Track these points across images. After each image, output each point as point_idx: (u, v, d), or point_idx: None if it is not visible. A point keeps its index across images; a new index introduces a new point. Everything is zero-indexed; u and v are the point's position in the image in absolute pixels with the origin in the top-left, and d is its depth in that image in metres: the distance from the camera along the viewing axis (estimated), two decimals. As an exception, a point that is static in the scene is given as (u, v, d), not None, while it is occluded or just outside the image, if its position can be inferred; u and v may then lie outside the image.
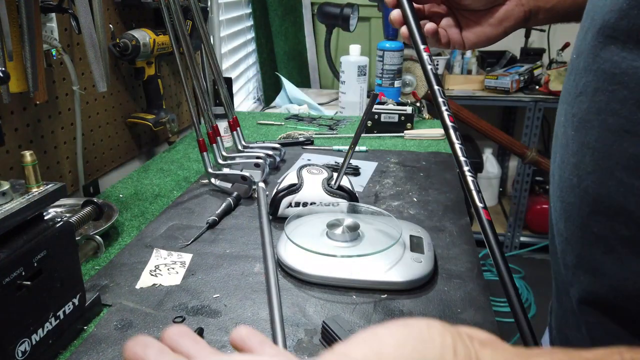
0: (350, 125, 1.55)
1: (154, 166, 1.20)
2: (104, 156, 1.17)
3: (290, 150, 1.30)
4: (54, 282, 0.58)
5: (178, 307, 0.67)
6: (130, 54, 1.13)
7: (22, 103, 0.90)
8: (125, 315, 0.65)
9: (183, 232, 0.87)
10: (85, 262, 0.77)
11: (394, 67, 1.76)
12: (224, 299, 0.69)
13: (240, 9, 2.02)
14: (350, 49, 1.69)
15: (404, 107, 1.44)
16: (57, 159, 1.01)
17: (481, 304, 0.67)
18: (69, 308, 0.60)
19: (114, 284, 0.72)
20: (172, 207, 0.97)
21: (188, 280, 0.73)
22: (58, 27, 0.95)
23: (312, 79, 2.31)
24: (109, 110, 1.17)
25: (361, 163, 1.20)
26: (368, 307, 0.67)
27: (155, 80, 1.25)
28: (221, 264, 0.77)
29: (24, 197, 0.55)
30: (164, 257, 0.79)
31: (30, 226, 0.55)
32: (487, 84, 2.54)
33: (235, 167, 1.08)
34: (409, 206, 0.97)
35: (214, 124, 1.08)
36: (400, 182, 1.09)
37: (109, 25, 1.13)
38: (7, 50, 0.75)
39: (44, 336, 0.56)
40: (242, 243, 0.83)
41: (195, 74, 1.06)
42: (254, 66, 2.22)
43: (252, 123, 1.57)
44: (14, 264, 0.51)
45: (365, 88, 1.72)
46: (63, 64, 0.96)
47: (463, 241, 0.84)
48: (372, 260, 0.71)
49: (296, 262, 0.73)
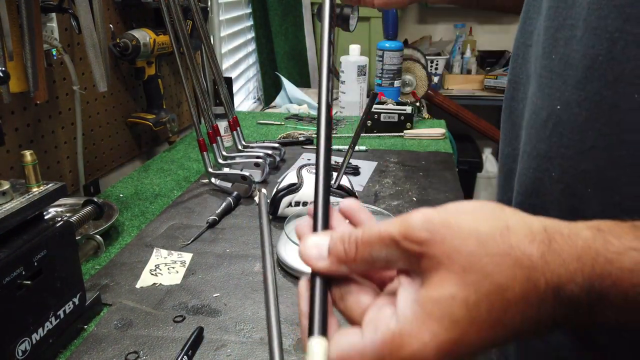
0: (350, 125, 1.55)
1: (154, 166, 1.20)
2: (104, 156, 1.17)
3: (290, 149, 1.30)
4: (54, 281, 0.58)
5: (178, 306, 0.67)
6: (130, 53, 1.13)
7: (22, 103, 0.90)
8: (126, 315, 0.65)
9: (183, 232, 0.87)
10: (86, 262, 0.77)
11: (393, 67, 1.76)
12: (224, 298, 0.69)
13: (240, 9, 2.02)
14: (350, 49, 1.69)
15: (403, 107, 1.44)
16: (57, 159, 1.01)
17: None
18: (69, 307, 0.60)
19: (114, 283, 0.72)
20: (172, 206, 0.98)
21: (188, 280, 0.73)
22: (58, 27, 0.95)
23: (312, 78, 2.31)
24: (109, 110, 1.17)
25: (361, 163, 1.20)
26: (368, 307, 0.67)
27: (156, 80, 1.25)
28: (221, 263, 0.77)
29: (24, 196, 0.55)
30: (164, 257, 0.79)
31: (30, 226, 0.56)
32: (486, 83, 2.54)
33: (235, 166, 1.08)
34: (409, 205, 0.97)
35: (214, 124, 1.09)
36: (399, 181, 1.10)
37: (109, 25, 1.13)
38: (7, 50, 0.75)
39: (44, 335, 0.56)
40: (242, 242, 0.84)
41: (195, 73, 1.06)
42: (254, 66, 2.22)
43: (252, 123, 1.57)
44: (14, 263, 0.51)
45: (365, 88, 1.72)
46: (63, 63, 0.96)
47: (462, 240, 0.84)
48: (371, 260, 0.71)
49: (296, 261, 0.73)
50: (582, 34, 0.39)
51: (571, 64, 0.40)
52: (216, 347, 0.60)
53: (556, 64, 0.41)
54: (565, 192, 0.41)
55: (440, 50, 2.72)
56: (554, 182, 0.42)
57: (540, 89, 0.44)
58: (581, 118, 0.39)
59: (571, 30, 0.40)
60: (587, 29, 0.38)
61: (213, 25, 1.65)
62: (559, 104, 0.41)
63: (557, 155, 0.42)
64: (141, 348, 0.59)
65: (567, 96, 0.40)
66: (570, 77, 0.40)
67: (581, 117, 0.39)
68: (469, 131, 2.58)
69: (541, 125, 0.43)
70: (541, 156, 0.43)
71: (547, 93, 0.42)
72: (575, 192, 0.41)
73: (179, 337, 0.61)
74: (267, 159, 1.10)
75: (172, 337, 0.61)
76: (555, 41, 0.42)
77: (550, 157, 0.42)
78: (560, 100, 0.41)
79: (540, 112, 0.43)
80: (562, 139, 0.41)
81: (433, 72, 2.60)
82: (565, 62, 0.40)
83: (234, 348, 0.59)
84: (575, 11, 0.40)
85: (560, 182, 0.42)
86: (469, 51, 2.68)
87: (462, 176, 1.18)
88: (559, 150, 0.41)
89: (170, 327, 0.63)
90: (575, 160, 0.40)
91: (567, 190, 0.41)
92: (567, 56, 0.40)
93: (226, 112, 1.16)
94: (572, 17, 0.40)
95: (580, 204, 0.40)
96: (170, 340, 0.61)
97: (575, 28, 0.40)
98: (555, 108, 0.41)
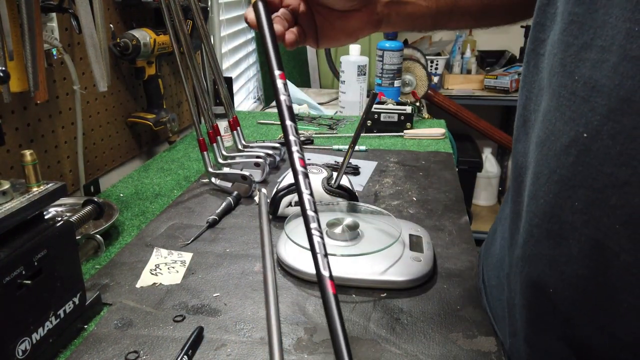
0: (350, 124, 1.55)
1: (154, 165, 1.20)
2: (105, 155, 1.17)
3: (290, 149, 1.30)
4: (54, 281, 0.58)
5: (178, 306, 0.67)
6: (130, 53, 1.13)
7: (22, 102, 0.90)
8: (126, 314, 0.65)
9: (183, 231, 0.87)
10: (86, 261, 0.78)
11: (393, 66, 1.76)
12: (224, 297, 0.69)
13: (240, 9, 2.02)
14: (350, 49, 1.69)
15: (403, 107, 1.44)
16: (57, 159, 1.01)
17: (480, 301, 0.67)
18: (69, 307, 0.60)
19: (114, 283, 0.72)
20: (172, 206, 0.98)
21: (188, 279, 0.73)
22: (58, 26, 0.95)
23: (312, 78, 2.31)
24: (109, 109, 1.17)
25: (361, 162, 1.20)
26: (367, 306, 0.67)
27: (156, 80, 1.25)
28: (221, 263, 0.77)
29: (25, 196, 0.55)
30: (164, 256, 0.79)
31: (30, 225, 0.56)
32: (486, 83, 2.54)
33: (235, 166, 1.08)
34: (409, 205, 0.97)
35: (214, 124, 1.09)
36: (399, 181, 1.10)
37: (109, 25, 1.13)
38: (7, 50, 0.75)
39: (44, 335, 0.56)
40: (242, 242, 0.84)
41: (195, 73, 1.06)
42: (254, 66, 2.22)
43: (252, 122, 1.57)
44: (15, 263, 0.51)
45: (365, 88, 1.72)
46: (63, 63, 0.96)
47: (462, 240, 0.84)
48: (371, 259, 0.71)
49: (296, 261, 0.73)
50: (617, 61, 0.36)
51: (600, 91, 0.37)
52: (216, 347, 0.60)
53: (580, 87, 0.39)
54: (589, 224, 0.39)
55: (440, 50, 2.72)
56: (577, 212, 0.40)
57: (559, 109, 0.41)
58: (614, 152, 0.37)
59: (601, 53, 0.37)
60: (625, 57, 0.35)
61: (213, 25, 1.65)
62: (585, 132, 0.38)
63: (583, 186, 0.39)
64: (141, 348, 0.59)
65: (596, 125, 0.37)
66: (598, 105, 0.37)
67: (614, 151, 0.37)
68: (469, 131, 2.58)
69: (562, 150, 0.41)
70: (563, 182, 0.41)
71: (570, 117, 0.40)
72: (601, 226, 0.39)
73: (179, 336, 0.61)
74: (267, 159, 1.10)
75: (172, 336, 0.61)
76: (579, 61, 0.39)
77: (574, 186, 0.40)
78: (587, 128, 0.38)
79: (560, 136, 0.41)
80: (590, 170, 0.39)
81: (433, 72, 2.60)
82: (592, 88, 0.38)
83: (234, 348, 0.60)
84: (606, 32, 0.37)
85: (585, 214, 0.40)
86: (468, 51, 2.68)
87: (462, 176, 1.18)
88: (585, 181, 0.39)
89: (170, 327, 0.63)
90: (605, 194, 0.38)
91: (592, 223, 0.39)
92: (594, 81, 0.38)
93: (226, 112, 1.16)
94: (602, 39, 0.37)
95: (606, 238, 0.39)
96: (170, 340, 0.61)
97: (606, 52, 0.37)
98: (580, 135, 0.39)
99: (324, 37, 0.61)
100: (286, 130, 0.48)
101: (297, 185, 0.46)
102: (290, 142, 0.47)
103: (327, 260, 0.43)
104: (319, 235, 0.44)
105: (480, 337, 0.61)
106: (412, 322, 0.64)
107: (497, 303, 0.61)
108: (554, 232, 0.43)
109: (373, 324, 0.64)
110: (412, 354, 0.58)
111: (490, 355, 0.58)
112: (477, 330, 0.62)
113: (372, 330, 0.63)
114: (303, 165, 0.47)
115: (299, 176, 0.46)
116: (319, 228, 0.45)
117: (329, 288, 0.41)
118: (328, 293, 0.41)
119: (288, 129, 0.47)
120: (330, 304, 0.40)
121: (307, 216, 0.45)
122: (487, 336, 0.61)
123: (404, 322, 0.64)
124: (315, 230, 0.44)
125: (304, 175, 0.46)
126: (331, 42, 0.62)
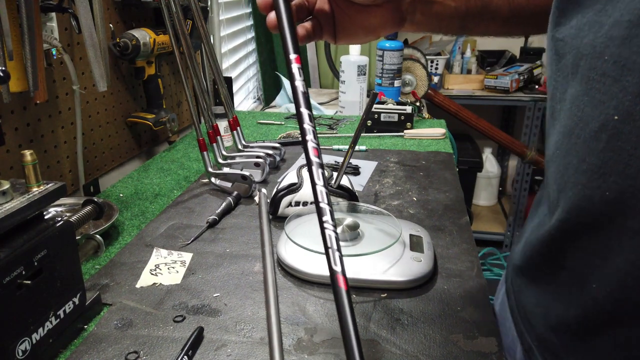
0: (350, 124, 1.55)
1: (154, 165, 1.20)
2: (104, 155, 1.17)
3: (290, 149, 1.30)
4: (54, 281, 0.58)
5: (178, 306, 0.67)
6: (130, 53, 1.13)
7: (22, 102, 0.90)
8: (126, 315, 0.65)
9: (183, 232, 0.87)
10: (86, 262, 0.77)
11: (393, 66, 1.76)
12: (224, 298, 0.69)
13: (240, 8, 2.02)
14: (350, 49, 1.69)
15: (403, 107, 1.44)
16: (57, 159, 1.01)
17: (480, 302, 0.67)
18: (69, 307, 0.60)
19: (114, 283, 0.72)
20: (172, 206, 0.98)
21: (188, 280, 0.73)
22: (58, 26, 0.95)
23: (312, 78, 2.31)
24: (109, 109, 1.17)
25: (361, 162, 1.20)
26: (368, 306, 0.67)
27: (156, 80, 1.25)
28: (221, 263, 0.77)
29: (24, 196, 0.55)
30: (164, 257, 0.79)
31: (30, 225, 0.56)
32: (486, 83, 2.54)
33: (235, 166, 1.08)
34: (409, 205, 0.97)
35: (214, 124, 1.09)
36: (400, 181, 1.10)
37: (109, 25, 1.13)
38: (7, 50, 0.75)
39: (44, 335, 0.56)
40: (242, 242, 0.84)
41: (195, 73, 1.06)
42: (254, 66, 2.22)
43: (252, 122, 1.57)
44: (15, 263, 0.51)
45: (365, 87, 1.72)
46: (63, 63, 0.96)
47: (463, 240, 0.84)
48: (371, 260, 0.71)
49: (296, 261, 0.73)
50: None
51: (630, 69, 0.36)
52: (216, 347, 0.60)
53: (610, 67, 0.37)
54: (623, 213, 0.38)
55: (440, 49, 2.72)
56: (608, 202, 0.39)
57: (588, 93, 0.40)
58: None
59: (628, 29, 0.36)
60: None
61: (213, 25, 1.65)
62: (616, 114, 0.37)
63: (614, 172, 0.38)
64: (141, 348, 0.59)
65: (628, 106, 0.36)
66: (630, 84, 0.36)
67: None
68: (469, 131, 2.58)
69: (591, 136, 0.39)
70: (592, 171, 0.40)
71: (600, 100, 0.38)
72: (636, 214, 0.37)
73: (179, 337, 0.61)
74: (267, 159, 1.10)
75: (172, 337, 0.61)
76: (608, 39, 0.37)
77: (604, 174, 0.39)
78: (618, 110, 0.37)
79: (589, 121, 0.39)
80: (622, 154, 0.37)
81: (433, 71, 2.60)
82: (623, 66, 0.36)
83: (234, 348, 0.59)
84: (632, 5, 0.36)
85: (617, 202, 0.38)
86: (469, 51, 2.68)
87: (462, 176, 1.17)
88: (616, 166, 0.38)
89: (170, 327, 0.63)
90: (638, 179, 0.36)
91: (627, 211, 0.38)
92: (624, 58, 0.36)
93: (226, 112, 1.16)
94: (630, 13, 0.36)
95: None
96: (170, 340, 0.61)
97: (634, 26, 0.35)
98: (611, 118, 0.37)
99: (342, 33, 0.57)
100: (301, 117, 0.45)
101: (311, 176, 0.43)
102: (305, 130, 0.44)
103: (340, 254, 0.41)
104: (332, 229, 0.42)
105: (481, 338, 0.61)
106: (412, 322, 0.64)
107: None
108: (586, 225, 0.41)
109: (373, 324, 0.64)
110: (413, 354, 0.58)
111: (490, 356, 0.58)
112: (477, 331, 0.62)
113: (372, 330, 0.62)
114: (317, 155, 0.44)
115: (312, 167, 0.44)
116: (332, 221, 0.42)
117: (341, 283, 0.39)
118: (339, 289, 0.39)
119: (303, 116, 0.44)
120: (342, 300, 0.38)
121: (320, 208, 0.42)
122: (487, 337, 0.61)
123: (404, 322, 0.64)
124: (327, 223, 0.42)
125: (319, 165, 0.44)
126: (350, 39, 0.58)
